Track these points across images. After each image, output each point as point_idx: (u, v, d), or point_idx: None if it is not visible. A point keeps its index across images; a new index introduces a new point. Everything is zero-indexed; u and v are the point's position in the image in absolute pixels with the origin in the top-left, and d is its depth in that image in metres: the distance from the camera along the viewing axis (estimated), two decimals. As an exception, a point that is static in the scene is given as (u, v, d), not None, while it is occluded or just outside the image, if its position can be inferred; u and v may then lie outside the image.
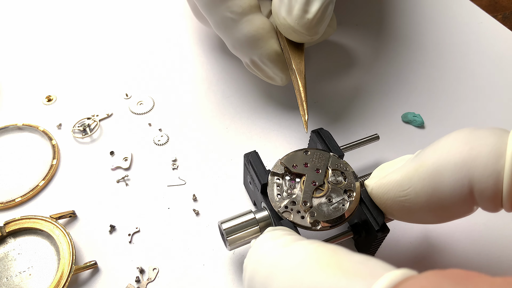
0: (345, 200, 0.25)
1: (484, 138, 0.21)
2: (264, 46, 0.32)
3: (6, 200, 0.32)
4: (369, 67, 0.41)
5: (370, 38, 0.44)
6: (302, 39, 0.31)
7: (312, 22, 0.30)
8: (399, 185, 0.23)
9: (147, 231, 0.31)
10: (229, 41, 0.33)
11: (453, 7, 0.47)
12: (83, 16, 0.47)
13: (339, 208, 0.25)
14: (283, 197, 0.26)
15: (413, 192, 0.23)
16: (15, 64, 0.42)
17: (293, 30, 0.30)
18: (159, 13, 0.47)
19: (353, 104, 0.38)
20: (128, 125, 0.37)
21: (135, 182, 0.33)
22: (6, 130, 0.36)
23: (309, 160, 0.27)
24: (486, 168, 0.20)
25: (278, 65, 0.33)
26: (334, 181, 0.26)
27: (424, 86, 0.40)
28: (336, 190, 0.26)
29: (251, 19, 0.31)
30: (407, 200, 0.23)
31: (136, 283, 0.28)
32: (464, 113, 0.37)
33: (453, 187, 0.21)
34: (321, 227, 0.24)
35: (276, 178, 0.26)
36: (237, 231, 0.26)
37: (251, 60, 0.33)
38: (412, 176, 0.23)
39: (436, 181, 0.22)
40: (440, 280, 0.14)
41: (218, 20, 0.32)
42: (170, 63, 0.42)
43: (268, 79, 0.34)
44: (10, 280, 0.28)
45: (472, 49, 0.43)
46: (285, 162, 0.27)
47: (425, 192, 0.22)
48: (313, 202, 0.25)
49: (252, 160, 0.28)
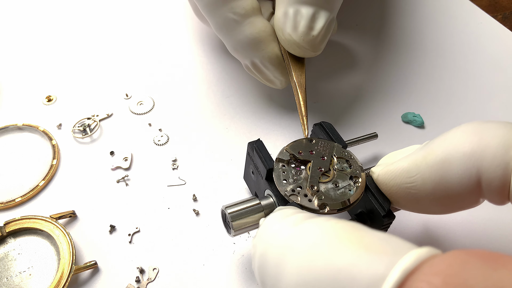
0: (351, 185, 0.26)
1: (494, 130, 0.21)
2: (266, 48, 0.32)
3: (6, 200, 0.32)
4: (369, 67, 0.41)
5: (370, 38, 0.44)
6: (306, 55, 0.32)
7: (317, 39, 0.30)
8: (407, 172, 0.23)
9: (147, 231, 0.31)
10: (230, 42, 0.33)
11: (453, 7, 0.47)
12: (83, 16, 0.47)
13: (346, 193, 0.25)
14: (289, 182, 0.26)
15: (420, 179, 0.23)
16: (15, 64, 0.42)
17: (298, 46, 0.30)
18: (160, 13, 0.47)
19: (353, 104, 0.38)
20: (128, 125, 0.37)
21: (135, 182, 0.33)
22: (6, 130, 0.36)
23: (314, 148, 0.27)
24: (495, 158, 0.20)
25: (278, 68, 0.33)
26: (340, 168, 0.26)
27: (424, 86, 0.40)
28: (342, 176, 0.26)
29: (253, 21, 0.31)
30: (413, 187, 0.23)
31: (136, 283, 0.28)
32: (464, 113, 0.37)
33: (460, 176, 0.21)
34: (328, 210, 0.24)
35: (282, 165, 0.26)
36: (242, 216, 0.26)
37: (252, 62, 0.33)
38: (420, 163, 0.23)
39: (444, 169, 0.22)
40: (467, 258, 0.14)
41: (220, 21, 0.32)
42: (170, 63, 0.42)
43: (268, 82, 0.34)
44: (10, 280, 0.28)
45: (472, 49, 0.43)
46: (291, 149, 0.27)
47: (432, 180, 0.22)
48: (320, 187, 0.25)
49: (257, 147, 0.27)
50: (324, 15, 0.30)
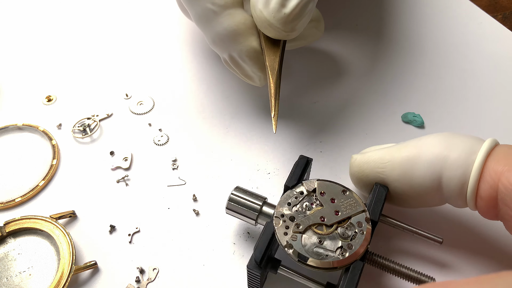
0: (333, 253, 0.23)
1: (462, 138, 0.25)
2: (244, 42, 0.31)
3: (6, 200, 0.32)
4: (369, 67, 0.41)
5: (370, 38, 0.44)
6: (278, 35, 0.30)
7: (289, 17, 0.28)
8: (380, 158, 0.27)
9: (147, 231, 0.31)
10: (209, 34, 0.32)
11: (453, 7, 0.47)
12: (83, 16, 0.47)
13: (319, 255, 0.23)
14: (290, 208, 0.25)
15: (390, 166, 0.26)
16: (15, 64, 0.42)
17: (269, 24, 0.29)
18: (159, 13, 0.47)
19: (353, 104, 0.38)
20: (128, 125, 0.37)
21: (135, 182, 0.33)
22: (6, 130, 0.36)
23: (339, 199, 0.26)
24: (457, 160, 0.24)
25: (257, 63, 0.31)
26: (342, 232, 0.24)
27: (424, 86, 0.40)
28: (335, 240, 0.24)
29: (232, 13, 0.31)
30: (383, 172, 0.26)
31: (136, 283, 0.28)
32: (464, 113, 0.37)
33: (425, 171, 0.25)
34: (289, 254, 0.24)
35: (300, 192, 0.26)
36: (239, 204, 0.27)
37: (229, 56, 0.32)
38: (393, 153, 0.26)
39: (412, 162, 0.25)
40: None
41: (200, 11, 0.31)
42: (170, 63, 0.42)
43: (246, 78, 0.33)
44: (10, 280, 0.28)
45: (472, 49, 0.43)
46: (319, 185, 0.26)
47: (400, 168, 0.26)
48: (305, 231, 0.24)
49: (299, 163, 0.27)
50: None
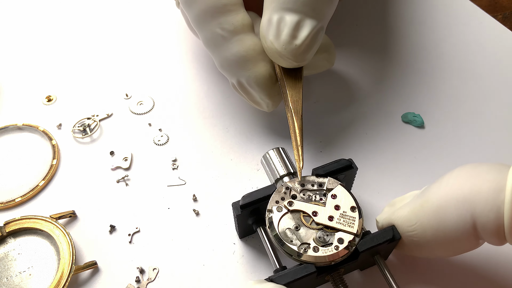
0: (295, 246, 0.24)
1: (485, 174, 0.22)
2: (253, 68, 0.30)
3: (6, 200, 0.32)
4: (369, 67, 0.41)
5: (370, 38, 0.44)
6: (289, 65, 0.30)
7: (300, 49, 0.28)
8: (407, 220, 0.24)
9: (147, 231, 0.31)
10: (217, 59, 0.31)
11: (453, 7, 0.47)
12: (84, 17, 0.47)
13: (286, 238, 0.24)
14: (300, 188, 0.26)
15: (420, 227, 0.24)
16: (15, 64, 0.42)
17: (280, 55, 0.29)
18: (159, 13, 0.47)
19: (353, 104, 0.38)
20: (128, 125, 0.37)
21: (135, 182, 0.33)
22: (6, 130, 0.36)
23: (343, 210, 0.25)
24: (487, 203, 0.21)
25: (265, 90, 0.31)
26: (320, 235, 0.24)
27: (424, 86, 0.40)
28: (309, 236, 0.24)
29: (242, 39, 0.30)
30: (415, 235, 0.24)
31: (136, 283, 0.28)
32: (464, 113, 0.37)
33: (456, 222, 0.22)
34: (266, 216, 0.25)
35: (320, 183, 0.26)
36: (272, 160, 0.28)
37: (238, 81, 0.31)
38: (418, 212, 0.24)
39: (440, 216, 0.23)
40: None
41: (208, 36, 0.31)
42: (170, 63, 0.42)
43: (254, 104, 0.33)
44: (10, 280, 0.28)
45: (472, 49, 0.43)
46: (338, 189, 0.25)
47: (431, 227, 0.23)
48: (293, 212, 0.25)
49: (341, 161, 0.27)
50: (310, 24, 0.28)
